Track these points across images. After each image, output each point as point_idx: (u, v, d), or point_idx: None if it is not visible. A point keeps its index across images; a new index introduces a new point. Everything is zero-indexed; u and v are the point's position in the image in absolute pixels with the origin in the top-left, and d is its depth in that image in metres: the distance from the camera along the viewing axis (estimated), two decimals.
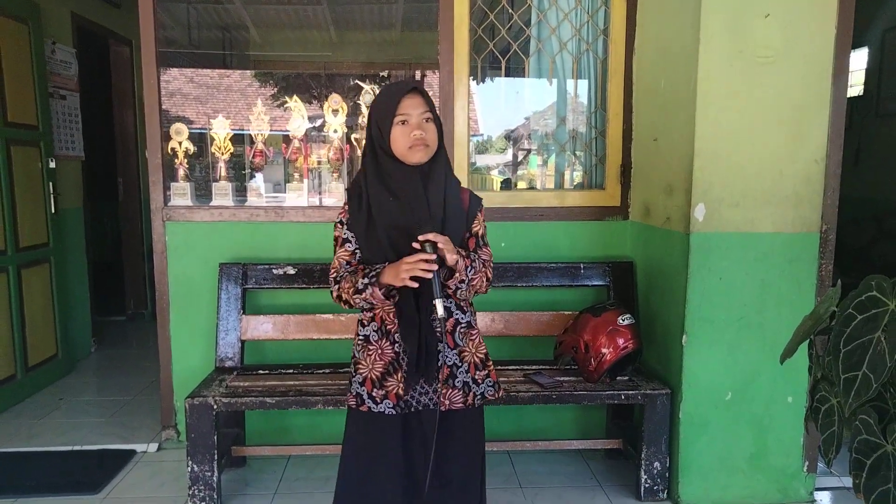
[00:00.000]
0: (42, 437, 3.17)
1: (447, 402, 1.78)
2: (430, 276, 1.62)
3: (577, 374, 2.69)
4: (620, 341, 2.55)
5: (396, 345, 1.77)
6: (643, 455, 2.58)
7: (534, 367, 2.79)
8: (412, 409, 1.78)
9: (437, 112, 1.78)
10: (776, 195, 2.45)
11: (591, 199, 3.09)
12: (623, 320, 2.57)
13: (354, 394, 1.81)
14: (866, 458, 1.06)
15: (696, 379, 2.51)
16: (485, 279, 1.79)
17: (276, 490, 2.74)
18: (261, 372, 2.80)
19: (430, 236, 1.62)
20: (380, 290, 1.67)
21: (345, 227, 1.78)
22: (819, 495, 2.64)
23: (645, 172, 2.92)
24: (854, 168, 4.58)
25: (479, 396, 1.82)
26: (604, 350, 2.55)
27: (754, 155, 2.43)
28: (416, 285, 1.64)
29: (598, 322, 2.59)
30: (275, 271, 2.90)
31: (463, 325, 1.82)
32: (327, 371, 2.81)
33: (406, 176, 1.71)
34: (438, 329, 1.71)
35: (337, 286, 1.76)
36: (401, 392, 1.76)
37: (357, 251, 1.77)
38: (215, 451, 2.50)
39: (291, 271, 2.89)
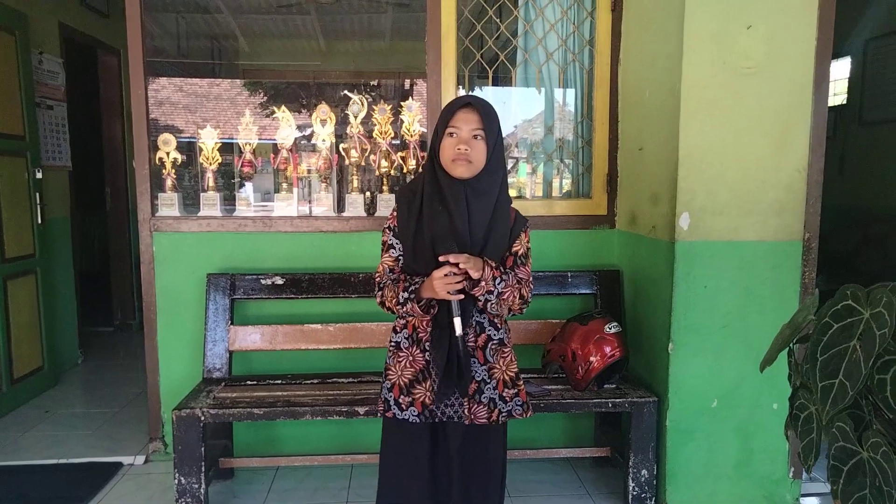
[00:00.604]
0: (28, 451, 3.14)
1: (471, 417, 1.79)
2: (462, 286, 1.66)
3: (564, 383, 2.70)
4: (607, 349, 2.56)
5: (428, 353, 1.79)
6: (631, 463, 2.59)
7: (522, 375, 2.79)
8: (437, 420, 1.80)
9: (498, 129, 1.78)
10: (759, 204, 2.48)
11: (579, 207, 3.12)
12: (610, 328, 2.59)
13: (383, 399, 1.84)
14: (843, 464, 1.07)
15: (683, 386, 2.53)
16: (517, 296, 1.80)
17: (264, 501, 2.73)
18: (249, 383, 2.79)
19: (450, 257, 1.66)
20: (419, 303, 1.71)
21: (392, 233, 1.81)
22: (805, 501, 2.66)
23: (631, 181, 2.94)
24: (838, 176, 4.63)
25: (504, 414, 1.83)
26: (591, 358, 2.56)
27: (738, 164, 2.46)
28: (461, 297, 1.68)
29: (585, 330, 2.61)
30: (263, 281, 2.89)
31: (495, 342, 1.83)
32: (315, 381, 2.80)
33: (452, 188, 1.73)
34: (469, 344, 1.76)
35: (380, 293, 1.80)
36: (427, 401, 1.78)
37: (400, 258, 1.80)
38: (203, 463, 2.48)
39: (280, 281, 2.89)
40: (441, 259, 1.66)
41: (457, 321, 1.67)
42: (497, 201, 1.76)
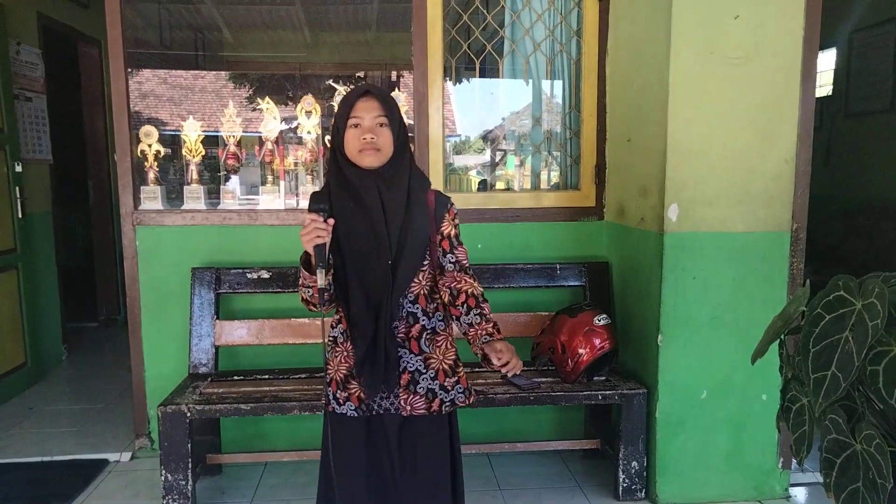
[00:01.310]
0: (11, 448, 3.09)
1: (408, 408, 1.76)
2: (326, 240, 1.61)
3: (554, 375, 2.69)
4: (597, 342, 2.55)
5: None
6: (621, 455, 2.59)
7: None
8: (374, 413, 1.77)
9: (399, 115, 1.74)
10: (748, 194, 2.48)
11: (567, 199, 3.10)
12: (599, 321, 2.58)
13: (325, 394, 1.82)
14: (836, 457, 1.07)
15: (672, 378, 2.53)
16: (480, 294, 1.82)
17: (252, 497, 2.71)
18: (235, 378, 2.76)
19: (509, 366, 1.70)
20: (306, 272, 1.67)
21: None
22: (794, 491, 2.68)
23: (619, 173, 2.93)
24: (825, 167, 4.65)
25: (447, 403, 1.80)
26: (580, 350, 2.55)
27: (726, 155, 2.45)
28: (311, 250, 1.62)
29: (574, 323, 2.60)
30: (249, 275, 2.86)
31: (428, 332, 1.80)
32: (304, 376, 2.78)
33: (362, 180, 1.69)
34: (399, 335, 1.74)
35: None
36: (363, 395, 1.75)
37: None
38: (189, 460, 2.45)
39: (266, 275, 2.86)
40: (504, 371, 1.71)
41: (320, 274, 1.60)
42: (409, 187, 1.72)
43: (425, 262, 1.78)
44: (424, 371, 1.78)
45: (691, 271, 2.48)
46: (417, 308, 1.78)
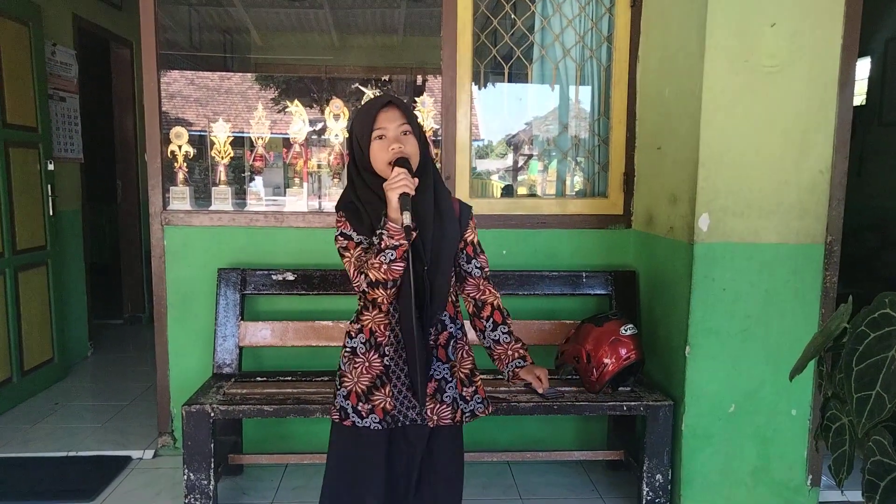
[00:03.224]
0: (37, 443, 3.14)
1: (435, 418, 1.75)
2: (411, 191, 1.59)
3: (578, 385, 2.66)
4: (623, 352, 2.52)
5: (386, 357, 1.73)
6: (645, 467, 2.55)
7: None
8: (399, 424, 1.74)
9: (417, 121, 1.74)
10: (781, 205, 2.43)
11: (594, 206, 3.07)
12: (625, 330, 2.55)
13: (338, 408, 1.77)
14: (880, 479, 1.03)
15: (699, 390, 2.49)
16: (502, 304, 1.87)
17: (273, 499, 2.71)
18: (259, 379, 2.77)
19: (540, 389, 1.85)
20: (393, 224, 1.59)
21: (350, 232, 1.71)
22: None
23: (648, 181, 2.89)
24: (857, 177, 4.55)
25: (468, 414, 1.79)
26: (606, 360, 2.52)
27: (759, 165, 2.41)
28: (395, 199, 1.58)
29: (600, 332, 2.56)
30: (274, 277, 2.87)
31: (455, 339, 1.79)
32: (326, 378, 2.78)
33: None
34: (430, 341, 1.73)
35: (361, 275, 1.64)
36: (388, 407, 1.73)
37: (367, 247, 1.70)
38: (212, 460, 2.46)
39: (291, 277, 2.87)
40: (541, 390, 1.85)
41: (405, 214, 1.57)
42: (436, 195, 1.71)
43: (452, 269, 1.77)
44: (450, 379, 1.77)
45: (721, 282, 2.44)
46: (445, 315, 1.77)
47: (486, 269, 1.83)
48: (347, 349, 1.79)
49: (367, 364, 1.74)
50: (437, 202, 1.71)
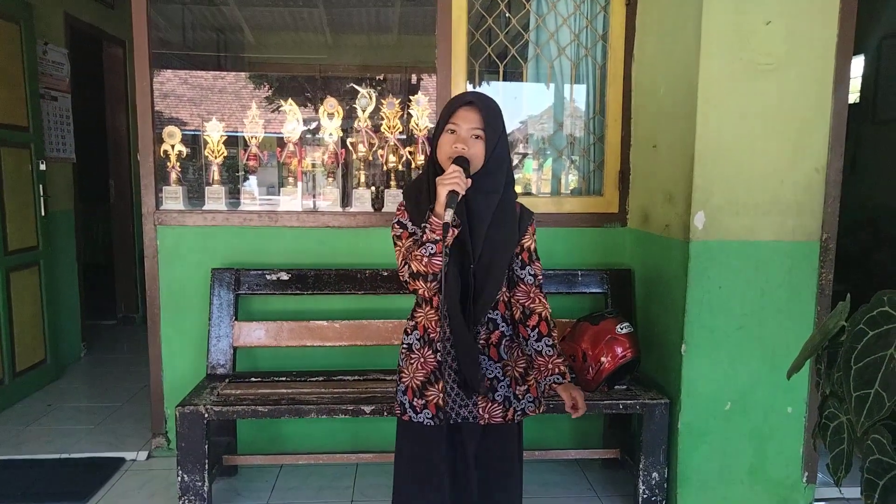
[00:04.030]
0: (29, 445, 3.11)
1: (486, 416, 1.76)
2: (461, 190, 1.61)
3: (574, 383, 2.64)
4: (619, 350, 2.51)
5: (439, 353, 1.75)
6: (641, 465, 2.54)
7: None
8: (451, 421, 1.76)
9: (501, 126, 1.73)
10: (776, 203, 2.43)
11: (589, 205, 3.07)
12: (621, 329, 2.54)
13: (398, 402, 1.81)
14: (879, 478, 1.03)
15: (695, 388, 2.49)
16: (550, 316, 1.82)
17: (268, 499, 2.70)
18: (253, 379, 2.75)
19: (574, 411, 1.79)
20: (436, 217, 1.63)
21: (406, 221, 1.75)
22: None
23: (644, 179, 2.89)
24: (851, 175, 4.56)
25: (519, 413, 1.80)
26: (602, 359, 2.51)
27: (755, 163, 2.41)
28: (444, 195, 1.61)
29: (596, 330, 2.56)
30: (268, 277, 2.85)
31: (507, 338, 1.80)
32: (321, 379, 2.77)
33: None
34: (481, 341, 1.73)
35: (407, 265, 1.69)
36: (441, 403, 1.75)
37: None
38: (206, 461, 2.45)
39: (285, 277, 2.85)
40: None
41: (448, 212, 1.60)
42: (502, 199, 1.72)
43: (505, 273, 1.78)
44: (503, 378, 1.79)
45: (717, 280, 2.44)
46: (497, 314, 1.78)
47: (540, 278, 1.83)
48: (404, 345, 1.83)
49: (421, 360, 1.78)
50: (501, 207, 1.73)
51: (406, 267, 1.69)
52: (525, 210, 1.82)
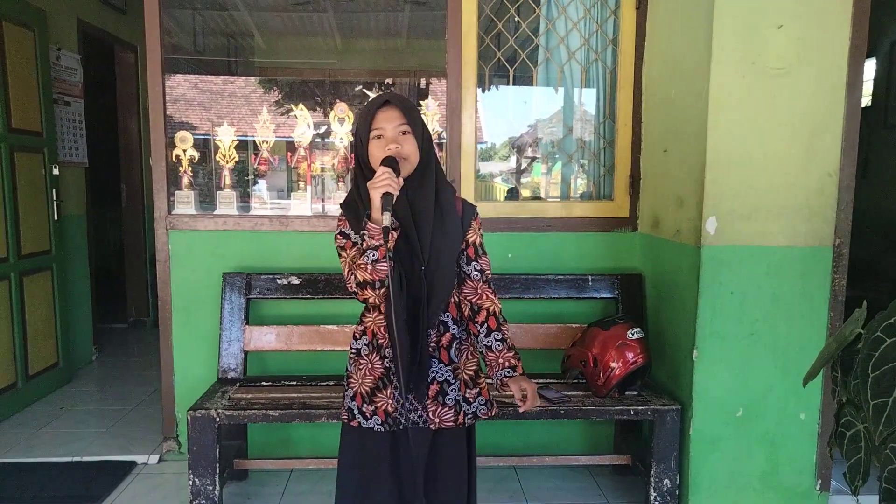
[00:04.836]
0: (42, 448, 3.13)
1: (437, 420, 1.74)
2: (394, 191, 1.58)
3: (585, 389, 2.65)
4: (630, 356, 2.50)
5: (387, 360, 1.73)
6: (652, 472, 2.53)
7: (541, 380, 2.74)
8: (401, 427, 1.74)
9: (421, 121, 1.72)
10: (788, 208, 2.41)
11: (600, 209, 3.06)
12: (632, 334, 2.53)
13: (346, 408, 1.78)
14: None
15: (707, 395, 2.47)
16: (499, 311, 1.80)
17: None
18: (264, 384, 2.76)
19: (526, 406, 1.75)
20: (373, 223, 1.60)
21: (348, 231, 1.72)
22: None
23: (654, 184, 2.88)
24: (862, 180, 4.53)
25: (469, 416, 1.77)
26: (613, 364, 2.50)
27: (767, 167, 2.39)
28: (378, 198, 1.57)
29: (606, 336, 2.55)
30: (279, 281, 2.86)
31: (458, 340, 1.78)
32: (331, 383, 2.77)
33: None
34: (431, 344, 1.69)
35: (353, 275, 1.66)
36: (390, 409, 1.73)
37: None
38: (217, 465, 2.45)
39: (296, 281, 2.86)
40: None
41: (385, 215, 1.56)
42: (438, 193, 1.69)
43: (454, 270, 1.75)
44: (453, 381, 1.76)
45: (729, 286, 2.42)
46: (448, 316, 1.76)
47: (488, 273, 1.79)
48: (353, 350, 1.80)
49: (370, 366, 1.75)
50: (439, 201, 1.69)
51: (352, 277, 1.66)
52: (467, 204, 1.78)
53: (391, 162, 1.61)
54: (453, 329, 1.77)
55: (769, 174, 2.40)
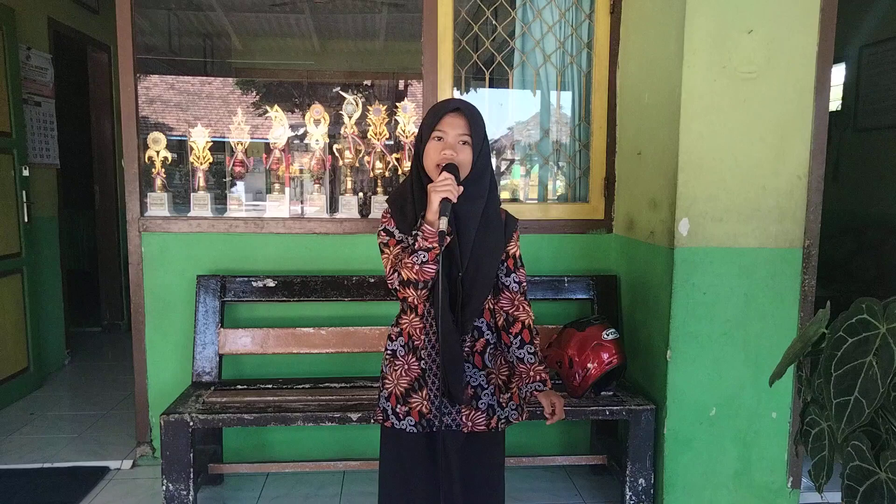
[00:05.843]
0: (11, 454, 3.07)
1: (469, 424, 1.76)
2: (453, 197, 1.61)
3: (561, 390, 2.65)
4: (605, 356, 2.53)
5: (423, 361, 1.75)
6: (628, 471, 2.55)
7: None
8: (434, 429, 1.76)
9: (484, 133, 1.75)
10: (759, 210, 2.45)
11: (575, 211, 3.08)
12: (608, 335, 2.56)
13: (381, 409, 1.81)
14: (859, 484, 1.04)
15: (681, 394, 2.50)
16: (533, 323, 1.83)
17: None
18: (239, 387, 2.73)
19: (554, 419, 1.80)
20: (429, 227, 1.63)
21: (392, 228, 1.74)
22: None
23: (629, 186, 2.91)
24: (833, 182, 4.62)
25: (503, 421, 1.80)
26: (588, 365, 2.52)
27: (738, 170, 2.43)
28: (437, 203, 1.61)
29: (582, 337, 2.57)
30: (254, 284, 2.84)
31: (492, 346, 1.80)
32: (307, 386, 2.75)
33: None
34: (465, 348, 1.73)
35: (396, 273, 1.68)
36: (424, 410, 1.74)
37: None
38: (191, 470, 2.43)
39: (271, 284, 2.84)
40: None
41: (442, 220, 1.60)
42: (486, 205, 1.73)
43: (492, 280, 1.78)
44: (486, 386, 1.78)
45: (701, 287, 2.46)
46: (482, 322, 1.78)
47: (524, 285, 1.83)
48: (388, 351, 1.82)
49: (406, 367, 1.77)
50: (486, 212, 1.73)
51: (395, 275, 1.69)
52: (510, 216, 1.82)
53: (453, 169, 1.65)
54: (487, 335, 1.79)
55: (740, 177, 2.44)
